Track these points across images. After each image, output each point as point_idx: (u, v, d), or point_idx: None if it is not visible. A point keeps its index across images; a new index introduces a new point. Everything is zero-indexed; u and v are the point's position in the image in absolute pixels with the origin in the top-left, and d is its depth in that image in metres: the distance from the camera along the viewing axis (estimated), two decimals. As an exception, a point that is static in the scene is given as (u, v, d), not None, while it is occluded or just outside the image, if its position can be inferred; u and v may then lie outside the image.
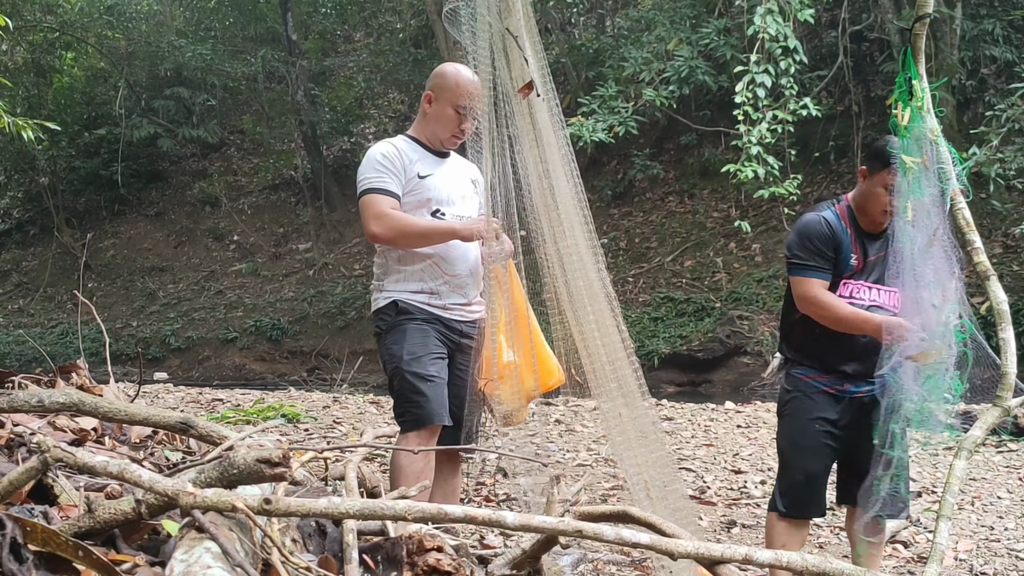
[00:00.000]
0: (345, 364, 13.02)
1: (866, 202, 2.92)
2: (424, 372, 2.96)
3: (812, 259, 2.91)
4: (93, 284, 19.15)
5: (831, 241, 2.90)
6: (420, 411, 2.94)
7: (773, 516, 3.06)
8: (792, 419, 3.05)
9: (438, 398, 2.97)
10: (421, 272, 3.03)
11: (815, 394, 2.98)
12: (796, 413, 3.03)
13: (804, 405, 3.00)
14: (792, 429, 3.05)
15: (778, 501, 3.04)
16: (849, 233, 2.93)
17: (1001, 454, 5.74)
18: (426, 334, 3.01)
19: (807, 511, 3.07)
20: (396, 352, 2.99)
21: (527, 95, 2.39)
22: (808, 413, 2.98)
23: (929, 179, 2.43)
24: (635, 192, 15.99)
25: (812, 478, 2.99)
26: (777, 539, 3.01)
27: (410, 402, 2.95)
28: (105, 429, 2.25)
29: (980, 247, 2.23)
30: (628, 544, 1.46)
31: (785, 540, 2.98)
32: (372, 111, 20.37)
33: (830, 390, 2.97)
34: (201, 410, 7.64)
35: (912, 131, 2.44)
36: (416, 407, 2.94)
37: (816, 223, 2.95)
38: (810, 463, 2.98)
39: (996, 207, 10.66)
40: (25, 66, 20.31)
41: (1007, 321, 2.09)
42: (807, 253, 2.92)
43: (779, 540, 3.00)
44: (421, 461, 2.93)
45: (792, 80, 9.32)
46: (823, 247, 2.90)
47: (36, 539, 1.23)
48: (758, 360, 11.92)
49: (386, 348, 3.03)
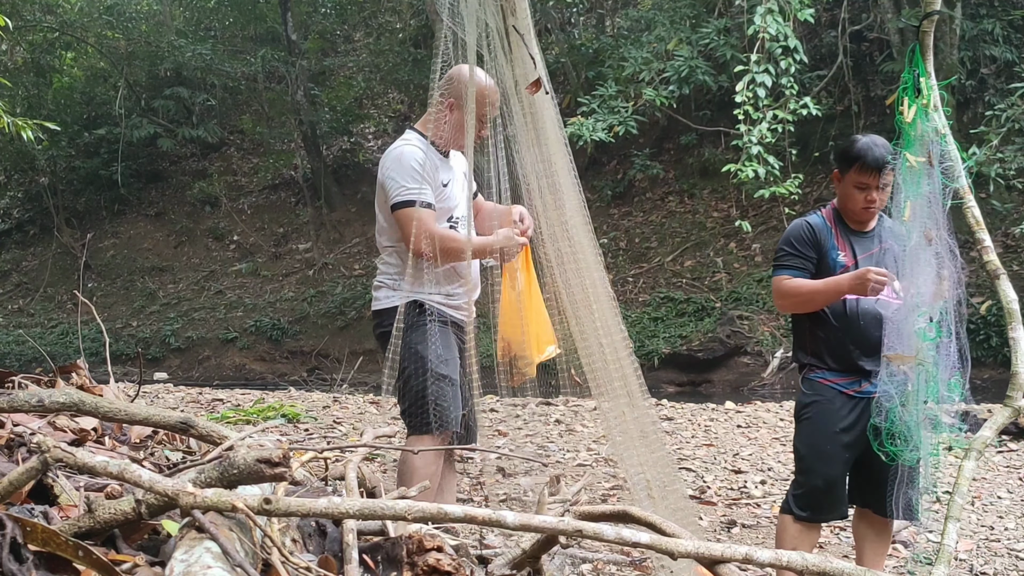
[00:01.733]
0: (345, 364, 13.03)
1: (844, 203, 3.04)
2: (451, 375, 2.97)
3: (787, 259, 3.05)
4: (93, 284, 19.14)
5: (811, 242, 3.02)
6: (443, 415, 2.93)
7: (787, 519, 3.05)
8: (812, 424, 3.04)
9: (457, 402, 2.98)
10: (440, 276, 3.02)
11: (835, 398, 3.00)
12: (816, 418, 3.03)
13: (824, 410, 3.01)
14: (812, 434, 3.04)
15: (792, 504, 3.03)
16: (834, 233, 3.03)
17: (1001, 454, 5.74)
18: (448, 336, 3.02)
19: (826, 516, 3.08)
20: (422, 352, 2.96)
21: (535, 92, 2.38)
22: (828, 418, 2.99)
23: (931, 178, 2.43)
24: (635, 192, 15.99)
25: (832, 484, 2.99)
26: (789, 541, 3.00)
27: (435, 405, 2.93)
28: (105, 429, 2.24)
29: (990, 245, 2.21)
30: (628, 544, 1.46)
31: (797, 543, 2.97)
32: (372, 111, 20.37)
33: (848, 392, 2.98)
34: (201, 410, 7.65)
35: (916, 129, 2.43)
36: (440, 411, 2.93)
37: (796, 227, 3.10)
38: (830, 469, 2.98)
39: (996, 207, 10.66)
40: (25, 66, 20.31)
41: (1017, 320, 2.07)
42: (783, 254, 3.07)
43: (791, 543, 2.98)
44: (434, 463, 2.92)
45: (792, 80, 9.32)
46: (801, 248, 3.03)
47: (36, 539, 1.23)
48: (758, 360, 11.92)
49: (408, 347, 2.97)
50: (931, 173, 2.42)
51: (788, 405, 8.07)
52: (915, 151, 2.44)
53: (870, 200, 2.96)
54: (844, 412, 2.97)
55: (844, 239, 3.03)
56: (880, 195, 2.96)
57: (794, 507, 3.02)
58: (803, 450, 3.09)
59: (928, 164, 2.40)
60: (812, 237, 3.03)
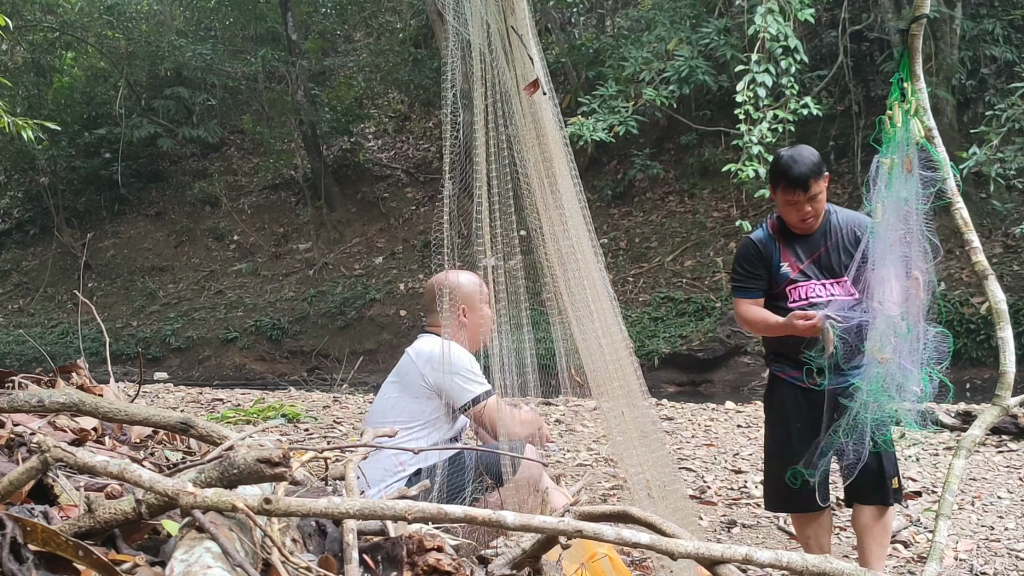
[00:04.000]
0: (345, 364, 13.03)
1: (782, 215, 3.13)
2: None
3: (740, 280, 3.18)
4: (93, 284, 19.15)
5: (758, 260, 3.14)
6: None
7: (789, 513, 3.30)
8: (767, 419, 3.26)
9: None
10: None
11: (789, 393, 3.13)
12: (769, 413, 3.25)
13: (775, 407, 3.21)
14: (767, 430, 3.27)
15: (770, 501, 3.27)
16: (779, 245, 3.12)
17: (1001, 454, 5.74)
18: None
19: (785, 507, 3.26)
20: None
21: (533, 93, 2.38)
22: (779, 414, 3.16)
23: (908, 181, 2.45)
24: (635, 192, 15.99)
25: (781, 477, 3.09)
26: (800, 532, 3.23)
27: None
28: (105, 429, 2.24)
29: (978, 246, 2.22)
30: (628, 544, 1.46)
31: (809, 532, 3.16)
32: (372, 111, 20.37)
33: (802, 385, 3.05)
34: (201, 410, 7.65)
35: (898, 133, 2.45)
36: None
37: (743, 246, 3.22)
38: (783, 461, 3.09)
39: (996, 207, 10.67)
40: (25, 66, 20.31)
41: (1006, 320, 2.09)
42: (737, 276, 3.21)
43: (802, 532, 3.21)
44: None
45: (793, 80, 9.32)
46: (749, 268, 3.15)
47: (36, 539, 1.23)
48: (758, 360, 11.92)
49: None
50: (909, 177, 2.44)
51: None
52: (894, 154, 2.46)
53: (803, 213, 3.02)
54: (797, 407, 3.09)
55: (788, 247, 3.12)
56: (814, 205, 3.01)
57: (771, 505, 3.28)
58: (764, 445, 3.32)
59: (906, 168, 2.42)
60: (758, 254, 3.14)
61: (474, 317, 3.17)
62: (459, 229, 3.28)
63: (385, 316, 15.73)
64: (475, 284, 3.12)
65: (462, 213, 3.42)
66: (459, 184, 3.49)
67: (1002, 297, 2.13)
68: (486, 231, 3.10)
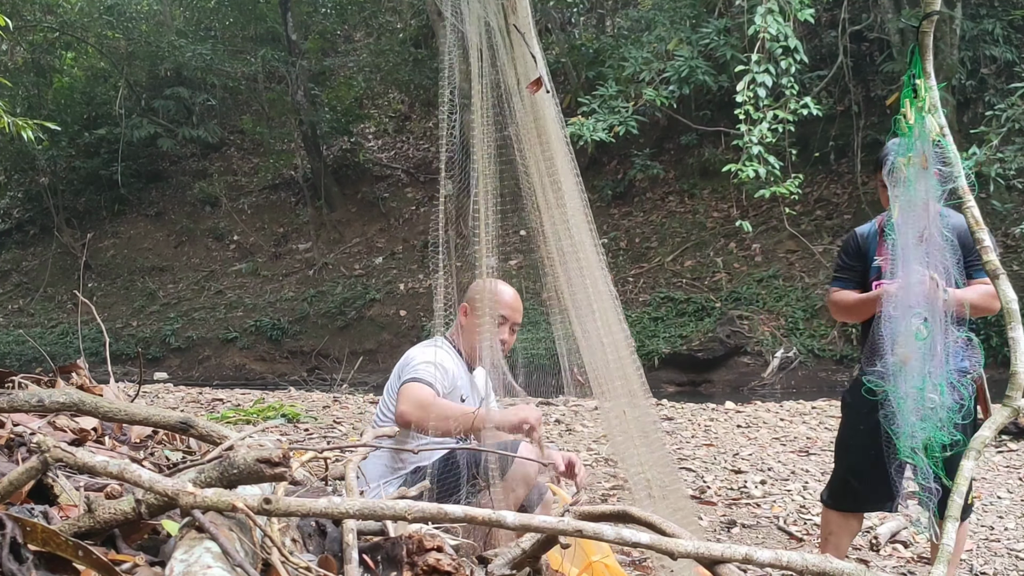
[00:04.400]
0: (345, 364, 13.04)
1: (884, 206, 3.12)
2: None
3: (837, 271, 3.24)
4: (93, 284, 19.15)
5: (855, 253, 3.17)
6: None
7: (823, 508, 3.26)
8: (847, 415, 3.23)
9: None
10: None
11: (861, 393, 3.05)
12: (844, 412, 3.25)
13: (851, 404, 3.19)
14: (843, 425, 3.26)
15: (825, 492, 3.26)
16: (880, 240, 3.12)
17: (1001, 454, 5.74)
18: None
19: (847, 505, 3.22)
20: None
21: (535, 91, 2.37)
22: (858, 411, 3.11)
23: (926, 179, 2.43)
24: (635, 192, 16.00)
25: (854, 475, 3.11)
26: (825, 527, 3.24)
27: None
28: (105, 429, 2.24)
29: (989, 245, 2.20)
30: (628, 544, 1.45)
31: (832, 529, 3.18)
32: (372, 111, 20.38)
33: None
34: (201, 410, 7.65)
35: (913, 130, 2.43)
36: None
37: (845, 239, 3.28)
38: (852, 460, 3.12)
39: (996, 207, 10.66)
40: (25, 66, 20.31)
41: (1016, 320, 2.06)
42: (835, 267, 3.27)
43: (826, 528, 3.22)
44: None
45: (793, 80, 9.32)
46: (847, 259, 3.20)
47: (36, 539, 1.23)
48: (758, 360, 11.93)
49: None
50: (925, 175, 2.42)
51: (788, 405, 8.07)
52: (911, 152, 2.44)
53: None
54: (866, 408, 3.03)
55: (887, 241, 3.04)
56: None
57: (824, 495, 3.25)
58: (837, 441, 3.34)
59: (923, 166, 2.40)
60: (856, 247, 3.18)
61: (470, 321, 3.09)
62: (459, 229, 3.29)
63: (385, 316, 15.73)
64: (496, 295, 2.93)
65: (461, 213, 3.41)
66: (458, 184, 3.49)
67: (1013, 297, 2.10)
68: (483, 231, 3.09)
